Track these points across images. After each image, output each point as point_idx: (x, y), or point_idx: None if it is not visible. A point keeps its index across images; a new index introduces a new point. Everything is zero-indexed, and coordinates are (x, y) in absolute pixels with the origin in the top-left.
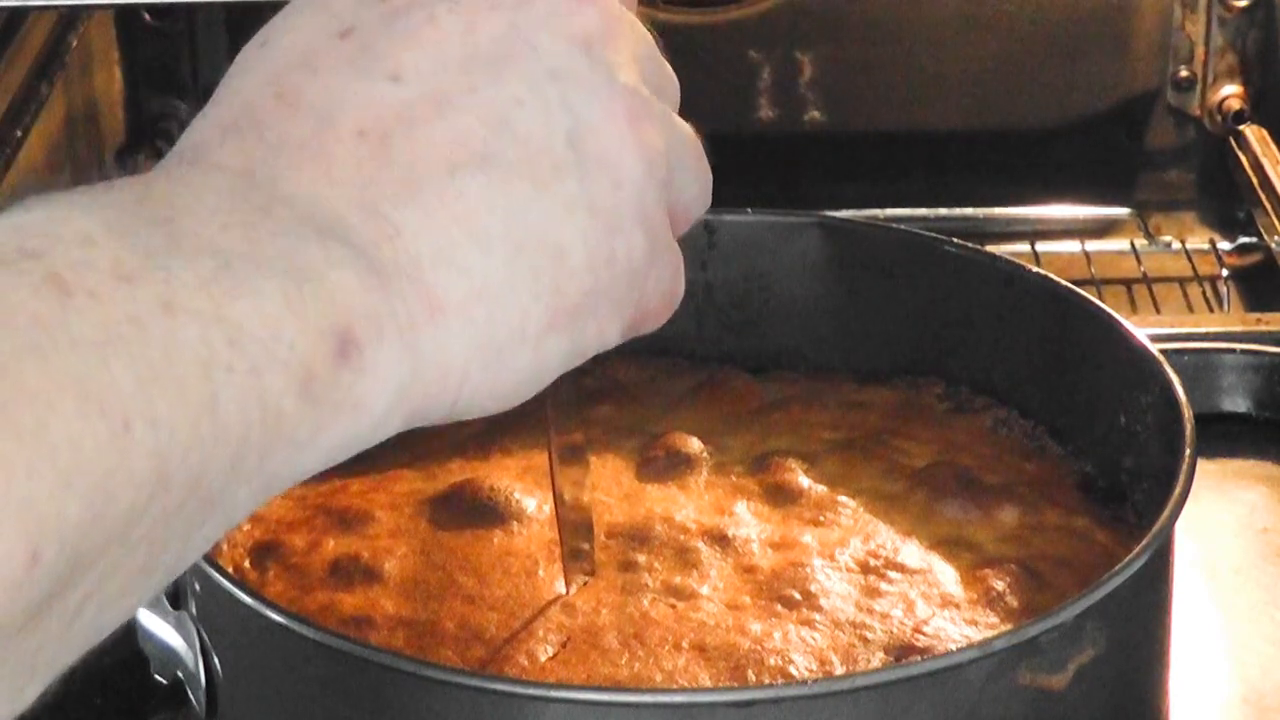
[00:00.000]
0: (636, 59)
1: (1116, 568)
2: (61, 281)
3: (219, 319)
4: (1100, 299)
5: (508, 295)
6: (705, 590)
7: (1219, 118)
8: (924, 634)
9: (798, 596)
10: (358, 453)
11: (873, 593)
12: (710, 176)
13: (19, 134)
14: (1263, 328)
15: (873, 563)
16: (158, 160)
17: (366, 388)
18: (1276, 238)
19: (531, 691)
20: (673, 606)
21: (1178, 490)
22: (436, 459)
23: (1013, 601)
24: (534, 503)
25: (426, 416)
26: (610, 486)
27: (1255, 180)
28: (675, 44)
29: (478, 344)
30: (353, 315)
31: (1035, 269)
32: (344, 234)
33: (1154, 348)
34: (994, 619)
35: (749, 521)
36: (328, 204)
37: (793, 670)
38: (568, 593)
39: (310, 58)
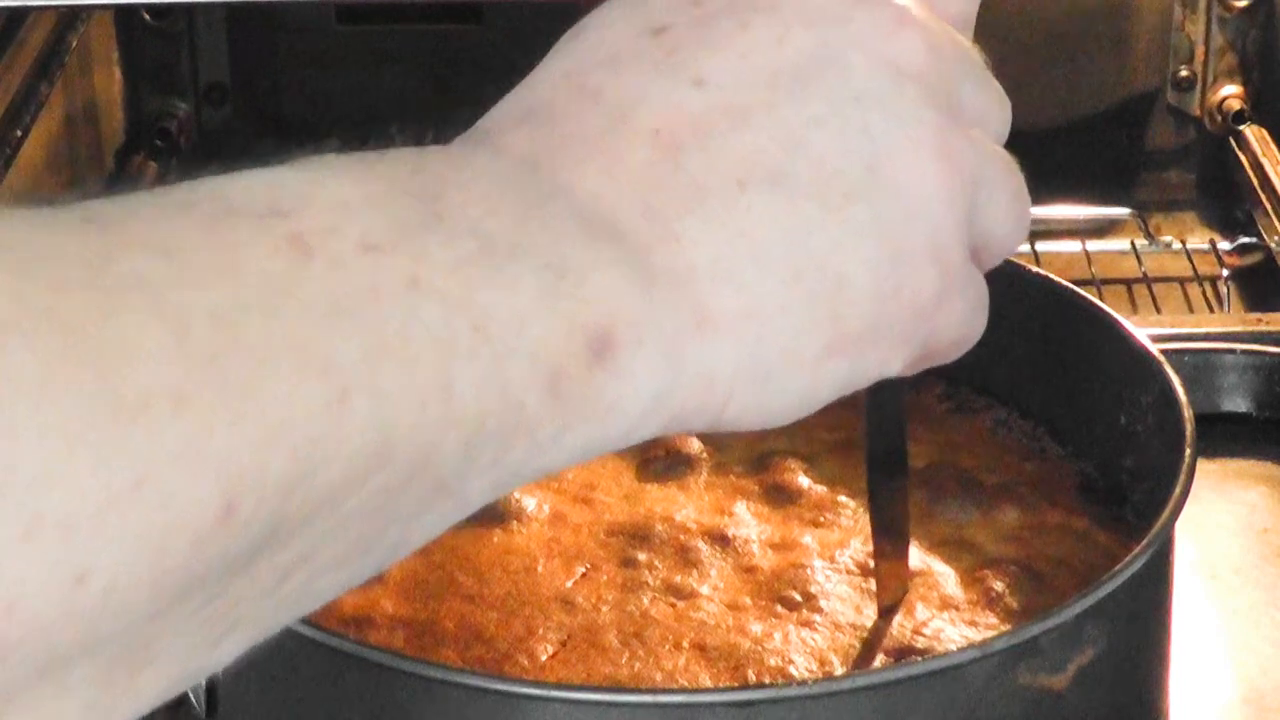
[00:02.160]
0: (954, 87)
1: (1116, 568)
2: (303, 244)
3: (466, 302)
4: (1100, 299)
5: (781, 317)
6: (705, 590)
7: (1219, 118)
8: (924, 635)
9: (798, 597)
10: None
11: (872, 594)
12: (1028, 213)
13: (19, 134)
14: (1263, 328)
15: (873, 563)
16: (157, 160)
17: (620, 392)
18: (1276, 238)
19: (531, 691)
20: (673, 606)
21: (1178, 490)
22: None
23: (1012, 602)
24: (534, 502)
25: (686, 425)
26: (610, 486)
27: (1255, 180)
28: None
29: (746, 362)
30: (614, 317)
31: (1035, 269)
32: (619, 234)
33: (1154, 348)
34: (994, 620)
35: (749, 521)
36: (608, 202)
37: (793, 670)
38: (879, 610)
39: (618, 54)
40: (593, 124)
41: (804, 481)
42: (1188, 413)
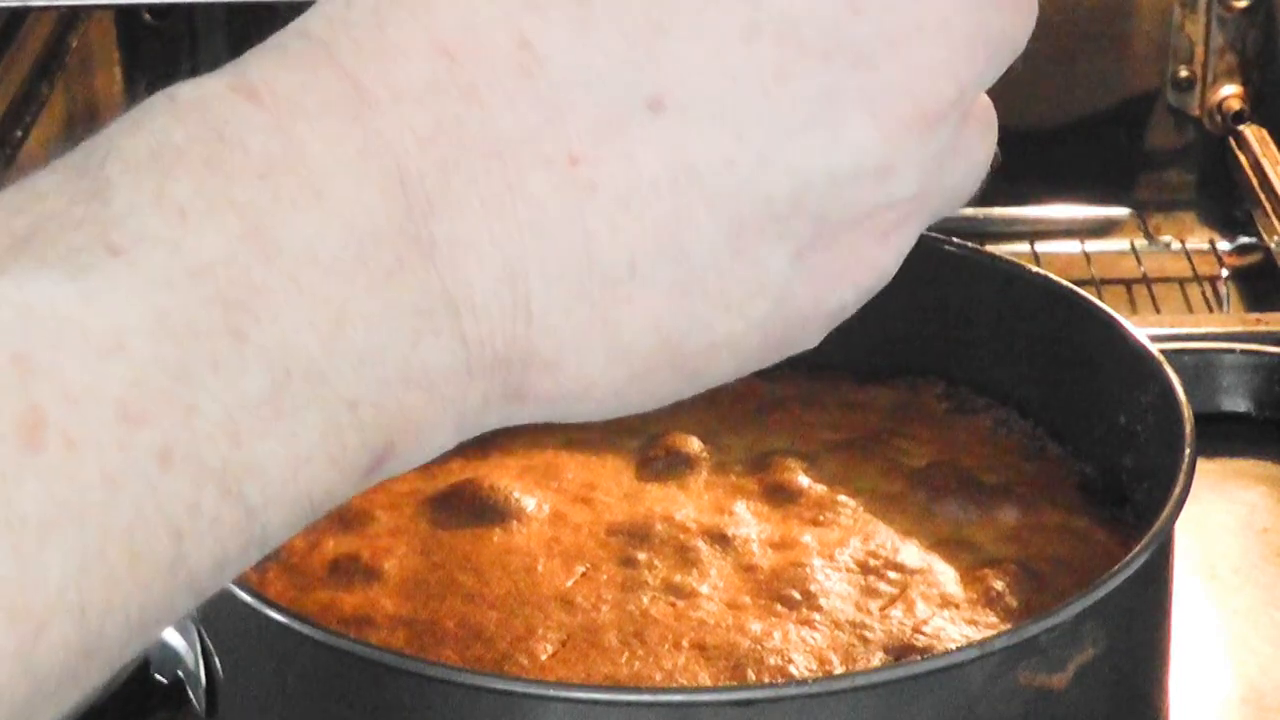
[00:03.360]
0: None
1: (1116, 568)
2: (37, 423)
3: (223, 471)
4: (1100, 299)
5: (605, 390)
6: (705, 589)
7: (1219, 118)
8: (924, 634)
9: (797, 596)
10: None
11: (872, 593)
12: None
13: (19, 134)
14: (1263, 328)
15: (872, 563)
16: None
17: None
18: (1276, 238)
19: (531, 691)
20: (673, 605)
21: (1177, 490)
22: (436, 459)
23: (1012, 601)
24: (534, 502)
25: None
26: (610, 486)
27: (1255, 180)
28: None
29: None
30: (403, 432)
31: (1035, 269)
32: (463, 323)
33: (1154, 348)
34: (993, 619)
35: (749, 521)
36: (475, 270)
37: (792, 670)
38: None
39: None
40: (524, 121)
41: (804, 481)
42: (1187, 413)
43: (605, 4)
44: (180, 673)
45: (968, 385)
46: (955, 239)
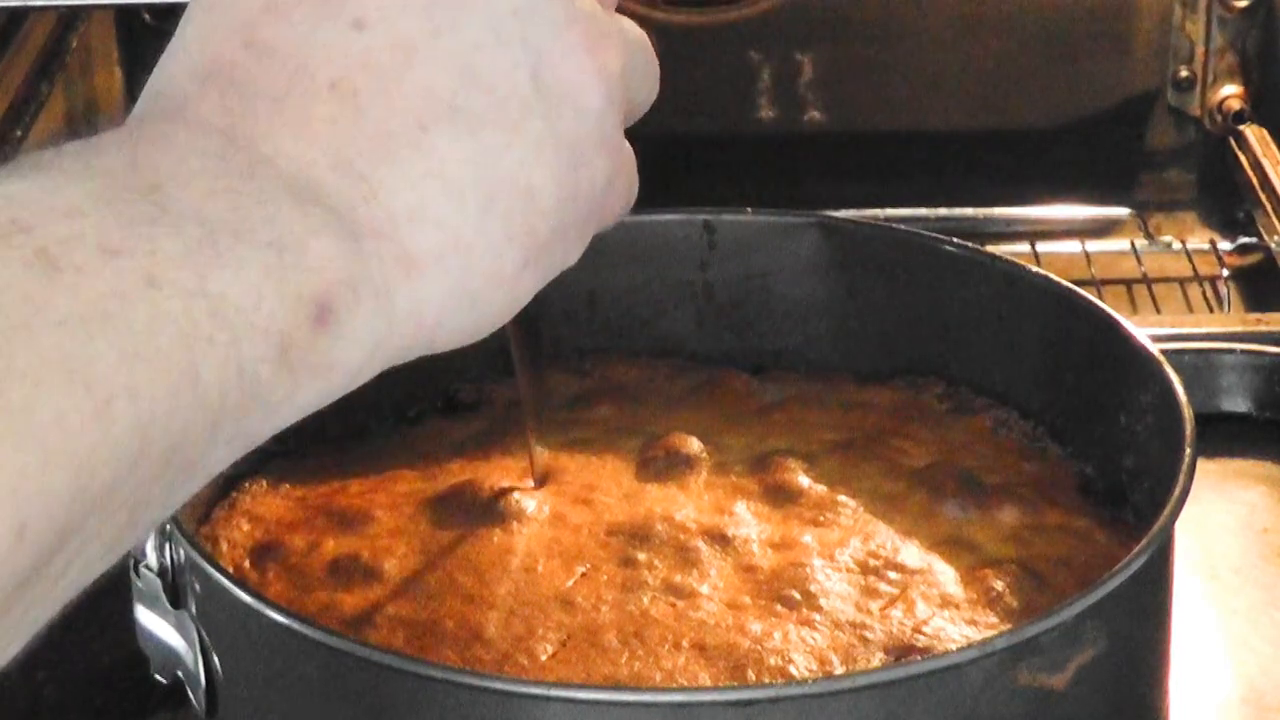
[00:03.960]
0: None
1: (1116, 568)
2: (50, 257)
3: (201, 292)
4: (1100, 299)
5: (482, 243)
6: (705, 589)
7: (1219, 118)
8: (924, 634)
9: (798, 596)
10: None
11: (872, 593)
12: (657, 71)
13: (19, 134)
14: (1263, 328)
15: (872, 563)
16: None
17: (342, 350)
18: (1276, 238)
19: (531, 691)
20: (672, 605)
21: (1178, 490)
22: (436, 459)
23: (1012, 601)
24: (534, 503)
25: (403, 358)
26: (610, 486)
27: (1255, 180)
28: (675, 44)
29: (454, 293)
30: (331, 282)
31: (1036, 269)
32: (322, 196)
33: (1154, 348)
34: (994, 619)
35: (749, 521)
36: (306, 164)
37: (792, 670)
38: (535, 481)
39: (274, 2)
40: (272, 82)
41: (804, 481)
42: (1188, 413)
43: None
44: (180, 673)
45: (968, 385)
46: (955, 239)
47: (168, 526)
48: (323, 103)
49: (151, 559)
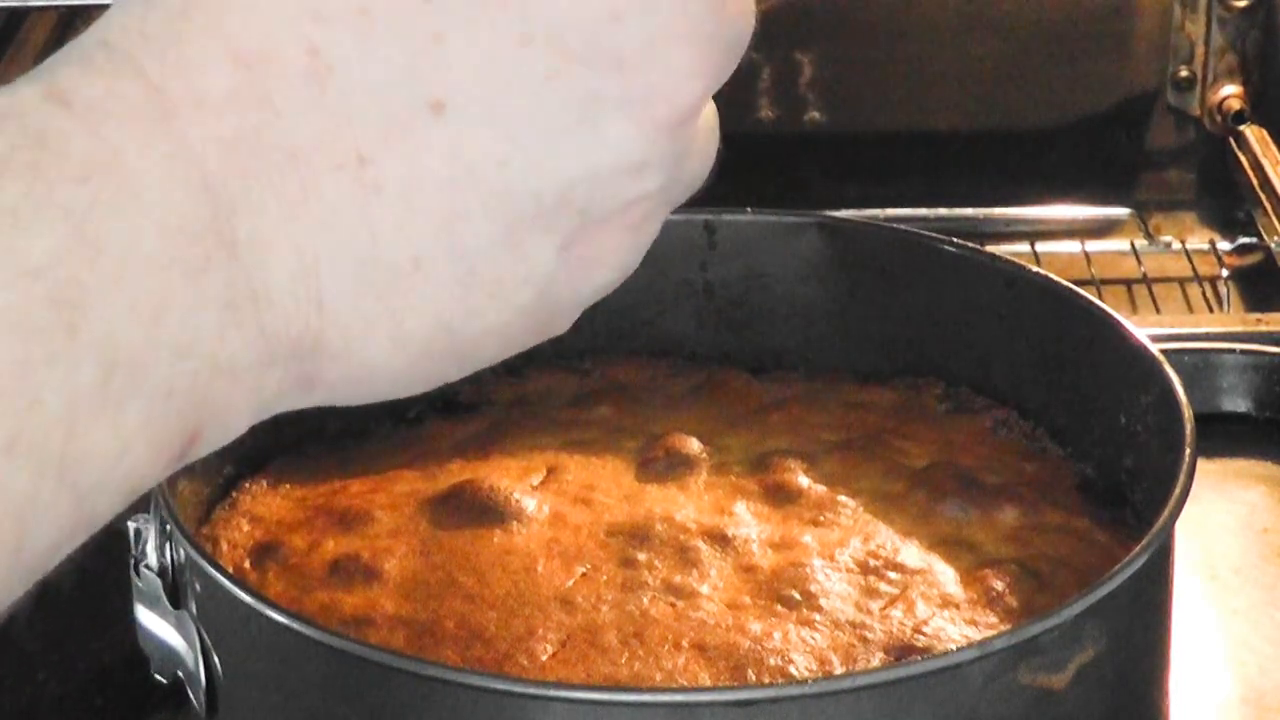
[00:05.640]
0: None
1: (1116, 568)
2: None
3: (60, 460)
4: (1100, 299)
5: (407, 389)
6: (705, 589)
7: (1219, 118)
8: (924, 634)
9: (798, 596)
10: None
11: (872, 593)
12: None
13: None
14: (1263, 328)
15: (872, 563)
16: None
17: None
18: (1276, 238)
19: (531, 691)
20: (672, 605)
21: (1178, 490)
22: (436, 459)
23: (1012, 601)
24: (534, 503)
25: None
26: (610, 486)
27: (1255, 180)
28: None
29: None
30: (210, 418)
31: (1035, 269)
32: (263, 315)
33: (1154, 348)
34: (994, 619)
35: (749, 521)
36: (273, 266)
37: (792, 670)
38: None
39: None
40: (309, 125)
41: (804, 481)
42: (1187, 413)
43: (387, 14)
44: (180, 673)
45: (968, 385)
46: (955, 239)
47: (168, 526)
48: (335, 187)
49: (152, 559)
